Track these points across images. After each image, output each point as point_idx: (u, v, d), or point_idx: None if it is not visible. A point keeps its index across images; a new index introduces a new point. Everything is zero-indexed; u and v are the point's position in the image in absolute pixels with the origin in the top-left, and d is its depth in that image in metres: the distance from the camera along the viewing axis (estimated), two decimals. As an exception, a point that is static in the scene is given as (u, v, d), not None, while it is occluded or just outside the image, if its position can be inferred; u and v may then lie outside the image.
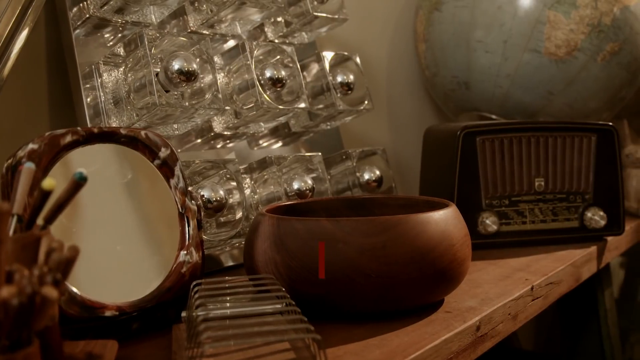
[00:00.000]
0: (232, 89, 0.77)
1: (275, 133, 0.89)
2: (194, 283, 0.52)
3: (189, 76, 0.67)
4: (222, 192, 0.71)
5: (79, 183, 0.39)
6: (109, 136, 0.56)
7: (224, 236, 0.72)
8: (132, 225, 0.56)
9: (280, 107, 0.76)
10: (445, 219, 0.56)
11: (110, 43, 0.74)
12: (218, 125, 0.78)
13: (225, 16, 0.77)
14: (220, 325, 0.45)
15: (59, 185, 0.39)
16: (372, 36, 1.21)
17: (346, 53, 0.91)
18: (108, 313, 0.50)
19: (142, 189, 0.58)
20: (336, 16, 0.89)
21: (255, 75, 0.75)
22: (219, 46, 0.82)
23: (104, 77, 0.69)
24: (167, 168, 0.59)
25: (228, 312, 0.48)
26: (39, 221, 0.40)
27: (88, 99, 0.70)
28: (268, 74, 0.76)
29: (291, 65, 0.80)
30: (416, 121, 1.29)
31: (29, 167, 0.42)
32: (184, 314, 0.51)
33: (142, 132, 0.58)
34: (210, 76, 0.70)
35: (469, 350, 0.55)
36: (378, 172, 0.91)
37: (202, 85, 0.70)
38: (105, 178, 0.55)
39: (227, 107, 0.75)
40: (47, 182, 0.38)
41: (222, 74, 0.77)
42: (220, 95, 0.70)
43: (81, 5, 0.70)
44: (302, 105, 0.79)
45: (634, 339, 1.34)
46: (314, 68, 0.88)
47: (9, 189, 0.49)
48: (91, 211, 0.53)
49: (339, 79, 0.87)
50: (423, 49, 1.17)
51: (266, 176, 0.79)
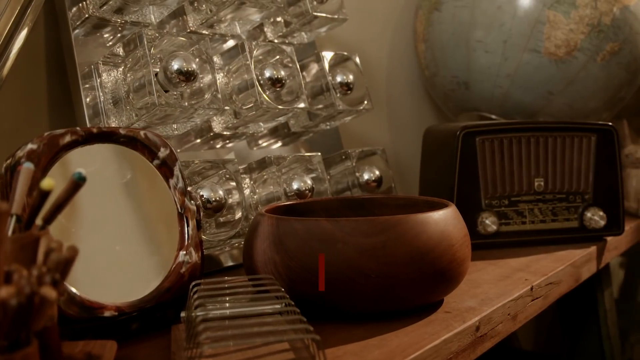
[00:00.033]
0: (232, 89, 0.76)
1: (274, 133, 0.89)
2: (193, 283, 0.52)
3: (188, 76, 0.67)
4: (221, 192, 0.71)
5: (77, 183, 0.39)
6: (108, 136, 0.56)
7: (223, 236, 0.72)
8: (131, 226, 0.56)
9: (280, 107, 0.76)
10: (444, 219, 0.56)
11: (110, 43, 0.74)
12: (217, 125, 0.78)
13: (225, 16, 0.77)
14: (220, 326, 0.45)
15: (58, 186, 0.39)
16: (372, 36, 1.21)
17: (346, 53, 0.91)
18: (107, 313, 0.50)
19: (141, 189, 0.58)
20: (336, 16, 0.89)
21: (255, 75, 0.75)
22: (218, 46, 0.82)
23: (103, 77, 0.69)
24: (166, 168, 0.58)
25: (227, 312, 0.48)
26: (38, 221, 0.40)
27: (87, 99, 0.70)
28: (267, 74, 0.76)
29: (290, 65, 0.80)
30: (416, 121, 1.29)
31: (27, 167, 0.42)
32: (183, 314, 0.51)
33: (142, 132, 0.58)
34: (210, 76, 0.70)
35: (468, 350, 0.55)
36: (377, 172, 0.90)
37: (202, 85, 0.70)
38: (105, 178, 0.55)
39: (227, 107, 0.75)
40: (46, 182, 0.38)
41: (222, 74, 0.77)
42: (220, 95, 0.70)
43: (80, 5, 0.70)
44: (302, 105, 0.79)
45: (633, 339, 1.34)
46: (314, 68, 0.88)
47: (8, 189, 0.49)
48: (90, 211, 0.53)
49: (339, 79, 0.87)
50: (423, 49, 1.17)
51: (265, 176, 0.79)
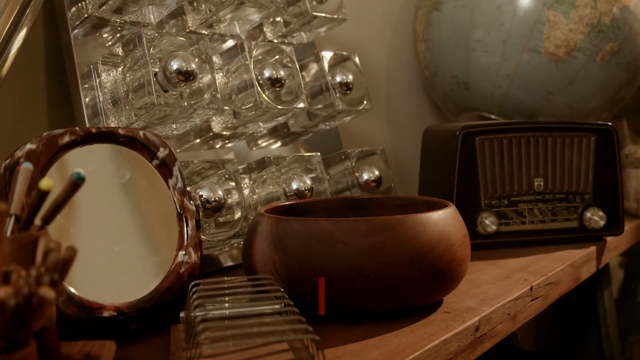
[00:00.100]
0: (231, 89, 0.76)
1: (274, 133, 0.89)
2: (193, 283, 0.52)
3: (187, 76, 0.67)
4: (220, 192, 0.71)
5: (76, 183, 0.39)
6: (107, 136, 0.56)
7: (222, 236, 0.72)
8: (130, 226, 0.56)
9: (279, 107, 0.76)
10: (444, 219, 0.56)
11: (109, 43, 0.74)
12: (217, 125, 0.78)
13: (224, 16, 0.77)
14: (219, 326, 0.45)
15: (57, 186, 0.39)
16: (371, 36, 1.21)
17: (345, 53, 0.91)
18: (106, 313, 0.50)
19: (140, 189, 0.58)
20: (335, 16, 0.89)
21: (254, 75, 0.75)
22: (217, 46, 0.82)
23: (102, 77, 0.69)
24: (165, 168, 0.58)
25: (227, 312, 0.48)
26: (37, 221, 0.40)
27: (86, 99, 0.69)
28: (267, 73, 0.76)
29: (290, 65, 0.80)
30: (415, 121, 1.29)
31: (26, 167, 0.42)
32: (182, 314, 0.51)
33: (141, 132, 0.58)
34: (209, 76, 0.70)
35: (468, 350, 0.55)
36: (377, 172, 0.90)
37: (201, 85, 0.70)
38: (104, 178, 0.55)
39: (226, 107, 0.75)
40: (44, 183, 0.38)
41: (221, 74, 0.77)
42: (219, 95, 0.70)
43: (80, 5, 0.70)
44: (301, 105, 0.79)
45: (633, 339, 1.34)
46: (313, 68, 0.88)
47: (6, 189, 0.49)
48: (89, 211, 0.53)
49: (338, 78, 0.87)
50: (422, 48, 1.17)
51: (265, 176, 0.79)
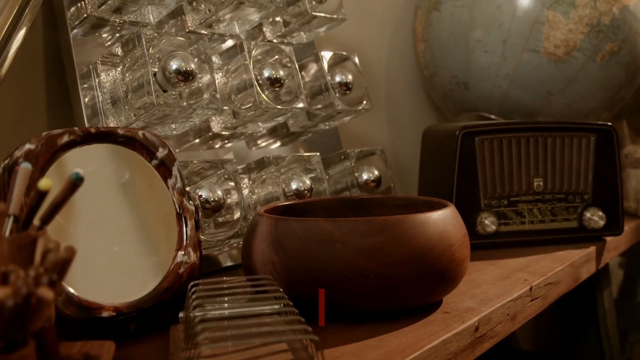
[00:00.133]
0: (230, 89, 0.76)
1: (273, 133, 0.89)
2: (192, 283, 0.52)
3: (186, 76, 0.67)
4: (220, 192, 0.71)
5: (75, 183, 0.39)
6: (106, 136, 0.56)
7: (222, 236, 0.72)
8: (129, 226, 0.55)
9: (279, 107, 0.76)
10: (443, 219, 0.56)
11: (108, 43, 0.74)
12: (216, 125, 0.78)
13: (224, 16, 0.77)
14: (218, 326, 0.45)
15: (56, 186, 0.39)
16: (371, 36, 1.21)
17: (345, 53, 0.91)
18: (105, 314, 0.50)
19: (139, 189, 0.57)
20: (335, 16, 0.89)
21: (254, 75, 0.75)
22: (217, 46, 0.82)
23: (101, 77, 0.69)
24: (164, 168, 0.58)
25: (226, 312, 0.48)
26: (36, 222, 0.40)
27: (86, 99, 0.69)
28: (266, 73, 0.76)
29: (289, 65, 0.80)
30: (415, 121, 1.29)
31: (25, 167, 0.42)
32: (181, 314, 0.51)
33: (140, 132, 0.58)
34: (209, 76, 0.70)
35: (467, 351, 0.55)
36: (377, 172, 0.90)
37: (200, 85, 0.69)
38: (103, 178, 0.55)
39: (225, 107, 0.75)
40: (43, 183, 0.38)
41: (220, 74, 0.77)
42: (219, 95, 0.70)
43: (79, 4, 0.70)
44: (301, 105, 0.79)
45: (633, 339, 1.34)
46: (313, 68, 0.88)
47: (5, 189, 0.49)
48: (88, 211, 0.53)
49: (338, 78, 0.87)
50: (422, 48, 1.16)
51: (264, 176, 0.79)
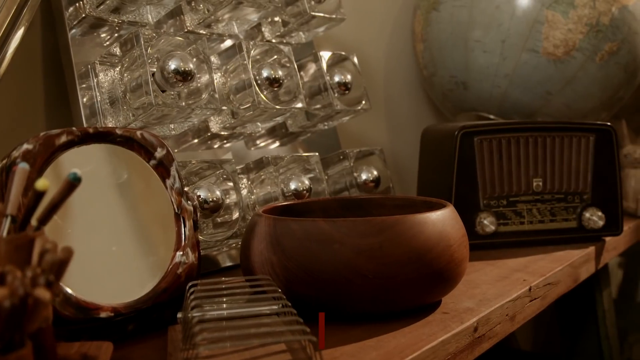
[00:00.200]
0: (229, 89, 0.76)
1: (272, 133, 0.89)
2: (190, 284, 0.52)
3: (185, 76, 0.67)
4: (218, 193, 0.71)
5: (73, 184, 0.39)
6: (104, 136, 0.56)
7: (220, 237, 0.72)
8: (127, 226, 0.55)
9: (277, 107, 0.76)
10: (442, 220, 0.56)
11: (107, 43, 0.74)
12: (215, 126, 0.77)
13: (222, 16, 0.77)
14: (216, 327, 0.44)
15: (54, 186, 0.39)
16: (370, 36, 1.21)
17: (344, 53, 0.90)
18: (103, 314, 0.50)
19: (137, 189, 0.57)
20: (334, 16, 0.88)
21: (252, 75, 0.75)
22: (215, 46, 0.82)
23: (100, 77, 0.69)
24: (163, 168, 0.58)
25: (224, 313, 0.48)
26: (33, 222, 0.40)
27: (84, 99, 0.69)
28: (265, 73, 0.76)
29: (288, 65, 0.80)
30: (414, 121, 1.29)
31: (23, 167, 0.42)
32: (179, 315, 0.51)
33: (138, 132, 0.57)
34: (207, 76, 0.70)
35: (466, 351, 0.55)
36: (375, 173, 0.90)
37: (199, 85, 0.69)
38: (101, 178, 0.55)
39: (224, 107, 0.75)
40: (40, 183, 0.38)
41: (219, 74, 0.77)
42: (217, 95, 0.70)
43: (77, 4, 0.70)
44: (300, 105, 0.79)
45: (632, 339, 1.34)
46: (312, 68, 0.88)
47: (3, 190, 0.49)
48: (86, 212, 0.53)
49: (337, 78, 0.87)
50: (421, 48, 1.16)
51: (263, 176, 0.78)
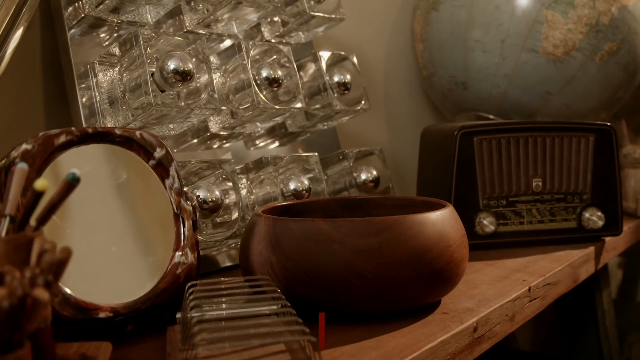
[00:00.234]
0: (228, 89, 0.76)
1: (272, 133, 0.89)
2: (189, 284, 0.52)
3: (184, 76, 0.67)
4: (218, 193, 0.71)
5: (71, 184, 0.39)
6: (103, 136, 0.56)
7: (219, 237, 0.72)
8: (126, 226, 0.55)
9: (277, 107, 0.76)
10: (442, 220, 0.56)
11: (106, 43, 0.74)
12: (214, 126, 0.77)
13: (222, 16, 0.77)
14: (215, 327, 0.44)
15: (53, 186, 0.39)
16: (370, 36, 1.21)
17: (343, 53, 0.90)
18: (102, 314, 0.50)
19: (136, 189, 0.57)
20: (333, 16, 0.88)
21: (252, 75, 0.75)
22: (215, 46, 0.82)
23: (99, 77, 0.69)
24: (162, 168, 0.58)
25: (223, 313, 0.48)
26: (32, 222, 0.40)
27: (83, 99, 0.69)
28: (264, 73, 0.76)
29: (288, 65, 0.80)
30: (413, 121, 1.29)
31: (21, 167, 0.42)
32: (178, 315, 0.51)
33: (137, 132, 0.57)
34: (206, 76, 0.70)
35: (466, 351, 0.55)
36: (375, 173, 0.90)
37: (198, 85, 0.69)
38: (100, 178, 0.55)
39: (223, 107, 0.75)
40: (39, 183, 0.38)
41: (218, 74, 0.77)
42: (216, 95, 0.70)
43: (76, 4, 0.70)
44: (299, 105, 0.79)
45: (632, 339, 1.34)
46: (311, 68, 0.88)
47: (2, 190, 0.49)
48: (85, 212, 0.53)
49: (336, 78, 0.87)
50: (420, 48, 1.16)
51: (262, 176, 0.78)
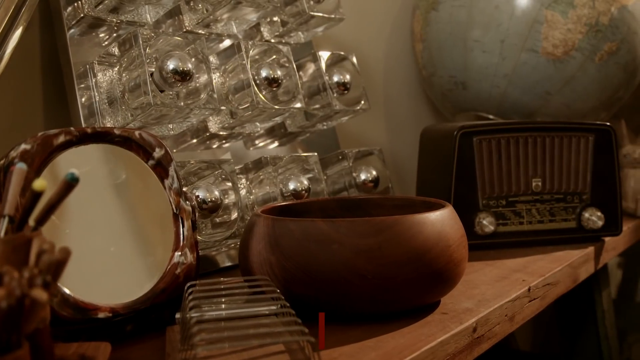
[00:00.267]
0: (228, 89, 0.76)
1: (271, 133, 0.89)
2: (188, 284, 0.52)
3: (184, 76, 0.66)
4: (217, 193, 0.71)
5: (70, 184, 0.38)
6: (102, 136, 0.56)
7: (219, 237, 0.72)
8: (125, 226, 0.55)
9: (276, 107, 0.76)
10: (441, 220, 0.56)
11: (105, 43, 0.74)
12: (214, 126, 0.77)
13: (221, 15, 0.77)
14: (214, 327, 0.44)
15: (52, 186, 0.39)
16: (369, 36, 1.21)
17: (343, 53, 0.90)
18: (101, 315, 0.50)
19: (136, 189, 0.57)
20: (332, 16, 0.88)
21: (251, 75, 0.74)
22: (214, 46, 0.82)
23: (98, 77, 0.69)
24: (161, 168, 0.58)
25: (223, 313, 0.48)
26: (31, 222, 0.40)
27: (82, 99, 0.69)
28: (264, 73, 0.76)
29: (287, 65, 0.79)
30: (413, 121, 1.29)
31: (20, 167, 0.42)
32: (178, 315, 0.51)
33: (136, 132, 0.57)
34: (206, 76, 0.70)
35: (465, 352, 0.55)
36: (374, 173, 0.90)
37: (198, 85, 0.69)
38: (99, 178, 0.55)
39: (223, 107, 0.75)
40: (37, 183, 0.38)
41: (218, 74, 0.77)
42: (216, 95, 0.70)
43: (75, 4, 0.70)
44: (298, 105, 0.79)
45: (631, 339, 1.34)
46: (310, 68, 0.88)
47: (1, 190, 0.49)
48: (85, 212, 0.53)
49: (336, 78, 0.87)
50: (420, 48, 1.16)
51: (262, 176, 0.78)
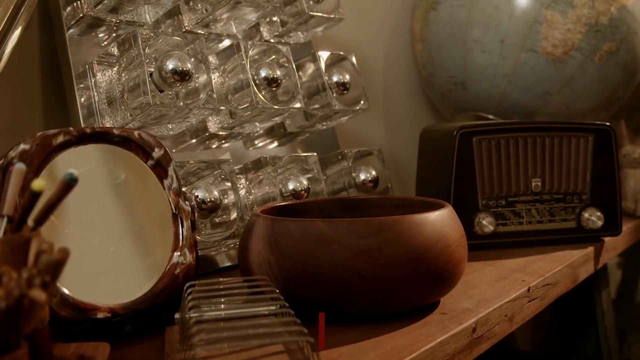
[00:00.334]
0: (227, 89, 0.76)
1: (270, 133, 0.89)
2: (188, 284, 0.52)
3: (183, 76, 0.66)
4: (216, 193, 0.71)
5: (69, 184, 0.38)
6: (101, 136, 0.56)
7: (218, 237, 0.72)
8: (124, 226, 0.55)
9: (276, 107, 0.76)
10: (441, 220, 0.56)
11: (104, 43, 0.74)
12: (213, 126, 0.77)
13: (221, 15, 0.77)
14: (214, 328, 0.44)
15: (51, 186, 0.39)
16: (369, 36, 1.21)
17: (342, 53, 0.90)
18: (100, 315, 0.50)
19: (135, 189, 0.57)
20: (332, 16, 0.88)
21: (250, 75, 0.74)
22: (214, 46, 0.82)
23: (97, 77, 0.69)
24: (160, 168, 0.58)
25: (222, 314, 0.47)
26: (29, 222, 0.40)
27: (82, 99, 0.69)
28: (263, 73, 0.76)
29: (287, 65, 0.79)
30: (413, 121, 1.28)
31: (19, 167, 0.42)
32: (177, 315, 0.51)
33: (135, 132, 0.57)
34: (205, 76, 0.70)
35: (465, 352, 0.55)
36: (374, 173, 0.90)
37: (197, 85, 0.69)
38: (98, 178, 0.55)
39: (222, 107, 0.75)
40: (36, 183, 0.38)
41: (217, 74, 0.77)
42: (215, 95, 0.69)
43: (75, 4, 0.70)
44: (298, 105, 0.78)
45: (631, 339, 1.34)
46: (310, 68, 0.88)
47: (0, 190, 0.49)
48: (84, 212, 0.53)
49: (335, 78, 0.87)
50: (420, 48, 1.16)
51: (261, 176, 0.78)
